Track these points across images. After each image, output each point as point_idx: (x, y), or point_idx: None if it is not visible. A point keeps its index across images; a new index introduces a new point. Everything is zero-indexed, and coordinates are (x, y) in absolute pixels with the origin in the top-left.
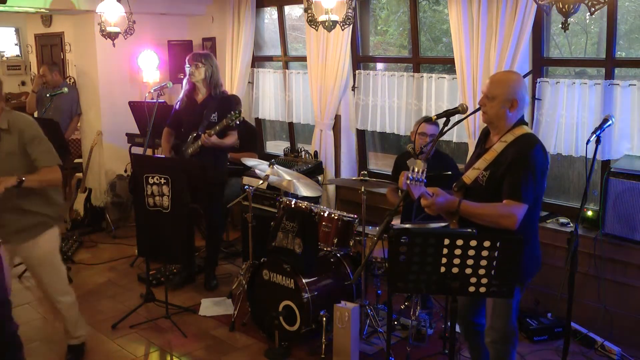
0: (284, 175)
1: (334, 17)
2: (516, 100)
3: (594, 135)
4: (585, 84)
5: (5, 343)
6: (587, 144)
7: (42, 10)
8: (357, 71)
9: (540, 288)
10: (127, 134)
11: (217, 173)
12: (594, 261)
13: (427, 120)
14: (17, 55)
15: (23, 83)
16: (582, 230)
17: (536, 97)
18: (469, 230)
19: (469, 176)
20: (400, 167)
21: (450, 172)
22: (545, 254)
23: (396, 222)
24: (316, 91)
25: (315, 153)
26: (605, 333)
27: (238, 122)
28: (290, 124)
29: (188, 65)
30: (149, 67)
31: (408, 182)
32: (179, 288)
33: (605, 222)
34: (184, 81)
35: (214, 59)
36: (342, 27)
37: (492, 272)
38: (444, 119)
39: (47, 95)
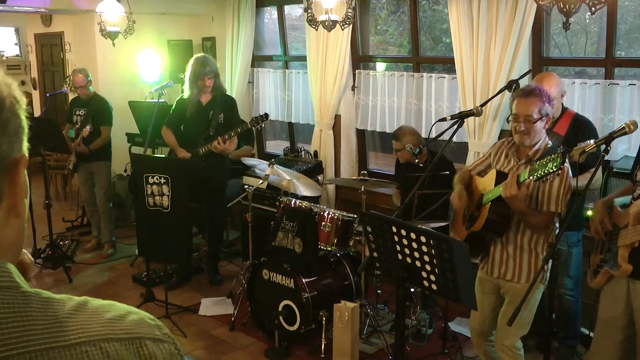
0: (284, 175)
1: (334, 17)
2: None
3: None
4: (585, 83)
5: None
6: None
7: (42, 10)
8: (357, 71)
9: None
10: (127, 134)
11: (220, 174)
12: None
13: (392, 137)
14: (17, 55)
15: (23, 83)
16: (585, 230)
17: None
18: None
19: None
20: (401, 167)
21: (448, 172)
22: None
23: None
24: (316, 91)
25: (315, 153)
26: None
27: (263, 126)
28: (290, 124)
29: (207, 83)
30: (149, 67)
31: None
32: (176, 288)
33: None
34: (188, 86)
35: (211, 59)
36: (342, 27)
37: (436, 269)
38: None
39: (48, 95)
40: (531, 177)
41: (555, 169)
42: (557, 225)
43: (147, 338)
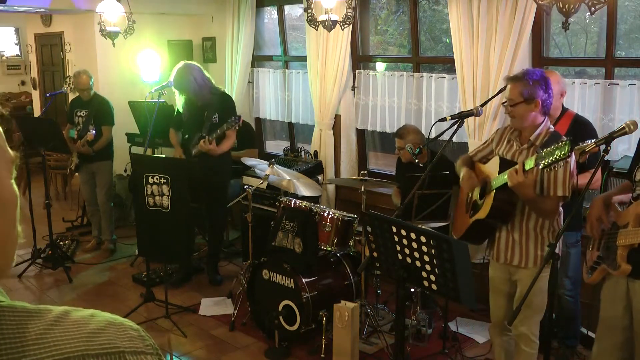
0: (284, 175)
1: (334, 17)
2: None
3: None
4: (585, 83)
5: None
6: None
7: (42, 10)
8: (357, 71)
9: None
10: (127, 134)
11: (220, 175)
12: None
13: (396, 135)
14: (17, 55)
15: (23, 83)
16: (584, 230)
17: None
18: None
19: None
20: (402, 167)
21: (448, 172)
22: None
23: None
24: (316, 91)
25: (315, 153)
26: None
27: (238, 127)
28: (290, 124)
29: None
30: (149, 67)
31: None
32: (175, 288)
33: None
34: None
35: (190, 70)
36: (342, 27)
37: (436, 269)
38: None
39: (47, 95)
40: (538, 166)
41: (563, 157)
42: (562, 217)
43: (128, 352)
